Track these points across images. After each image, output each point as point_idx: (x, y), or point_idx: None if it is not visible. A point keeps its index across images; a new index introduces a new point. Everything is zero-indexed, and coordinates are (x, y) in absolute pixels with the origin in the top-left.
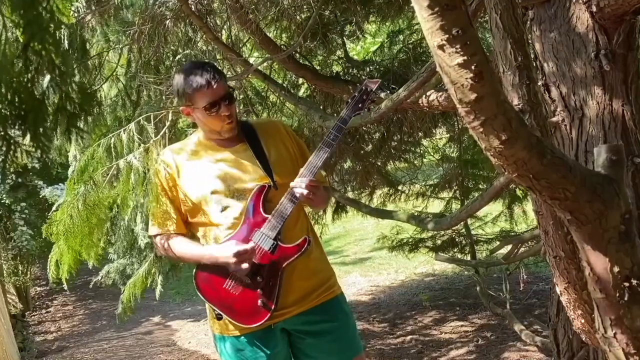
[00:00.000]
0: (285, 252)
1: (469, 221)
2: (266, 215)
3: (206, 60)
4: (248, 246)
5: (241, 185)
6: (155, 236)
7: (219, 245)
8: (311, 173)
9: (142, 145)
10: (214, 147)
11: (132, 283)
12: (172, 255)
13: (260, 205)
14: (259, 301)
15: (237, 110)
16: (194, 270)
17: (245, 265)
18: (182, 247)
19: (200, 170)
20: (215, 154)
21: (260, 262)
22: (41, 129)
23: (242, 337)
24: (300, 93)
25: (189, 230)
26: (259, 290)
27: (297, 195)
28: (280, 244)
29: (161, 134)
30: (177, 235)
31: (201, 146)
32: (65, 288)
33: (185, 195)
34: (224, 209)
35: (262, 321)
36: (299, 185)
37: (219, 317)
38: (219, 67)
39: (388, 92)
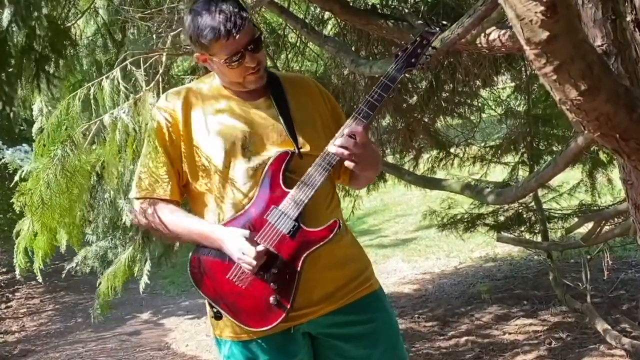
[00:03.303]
0: (308, 237)
1: (540, 192)
2: (287, 190)
3: None
4: (257, 250)
5: (259, 149)
6: (137, 200)
7: (226, 228)
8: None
9: (131, 95)
10: (230, 98)
11: (111, 273)
12: (159, 228)
13: (280, 176)
14: (272, 298)
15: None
16: (191, 253)
17: (249, 267)
18: (176, 218)
19: (212, 125)
20: (232, 107)
21: (276, 249)
22: (3, 75)
23: (252, 343)
24: (327, 31)
25: (182, 199)
26: (271, 284)
27: (335, 152)
28: (303, 226)
29: (154, 81)
30: (168, 202)
31: (215, 94)
32: (39, 279)
33: (192, 150)
34: (234, 176)
35: (274, 324)
36: (339, 143)
37: (217, 316)
38: None
39: (438, 29)
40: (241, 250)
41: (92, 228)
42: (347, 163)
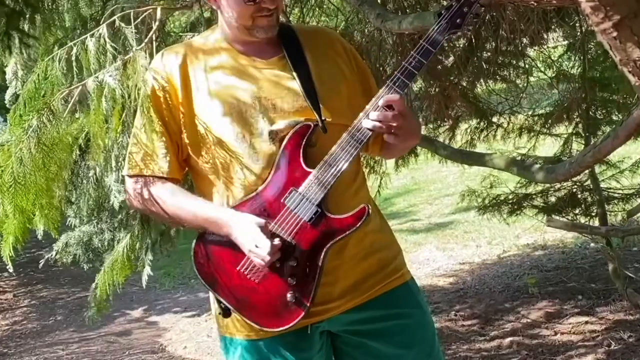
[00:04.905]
0: (332, 225)
1: (597, 169)
2: (308, 169)
3: None
4: (272, 244)
5: (273, 118)
6: (129, 178)
7: (237, 213)
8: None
9: (120, 56)
10: (237, 56)
11: (109, 266)
12: (155, 211)
13: (300, 154)
14: (289, 295)
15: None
16: (195, 240)
17: (262, 263)
18: (176, 200)
19: (216, 89)
20: (240, 67)
21: (295, 238)
22: None
23: (262, 342)
24: None
25: (183, 176)
26: (289, 279)
27: (372, 127)
28: (327, 213)
29: (146, 40)
30: (166, 181)
31: (220, 51)
32: (11, 269)
33: (193, 119)
34: (244, 151)
35: (291, 324)
36: (375, 117)
37: (225, 313)
38: None
39: None
40: (254, 241)
41: (74, 210)
42: (386, 137)
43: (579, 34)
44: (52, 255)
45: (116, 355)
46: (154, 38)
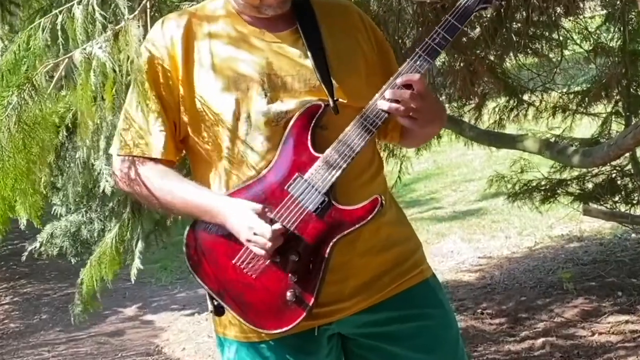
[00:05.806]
0: (339, 217)
1: (639, 152)
2: (316, 154)
3: None
4: (273, 228)
5: (281, 96)
6: (118, 157)
7: (231, 199)
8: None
9: (110, 26)
10: (246, 28)
11: (96, 259)
12: (145, 195)
13: (309, 137)
14: (289, 293)
15: None
16: (187, 229)
17: (261, 252)
18: (167, 184)
19: (220, 62)
20: (248, 40)
21: (298, 230)
22: None
23: (263, 345)
24: None
25: (179, 158)
26: (290, 275)
27: (387, 108)
28: (335, 203)
29: (139, 9)
30: (158, 163)
31: (227, 22)
32: None
33: (194, 95)
34: (248, 132)
35: (291, 325)
36: (390, 96)
37: (218, 312)
38: None
39: None
40: (252, 228)
41: (60, 197)
42: (402, 120)
43: (618, 2)
44: (36, 247)
45: (107, 358)
46: (148, 7)
